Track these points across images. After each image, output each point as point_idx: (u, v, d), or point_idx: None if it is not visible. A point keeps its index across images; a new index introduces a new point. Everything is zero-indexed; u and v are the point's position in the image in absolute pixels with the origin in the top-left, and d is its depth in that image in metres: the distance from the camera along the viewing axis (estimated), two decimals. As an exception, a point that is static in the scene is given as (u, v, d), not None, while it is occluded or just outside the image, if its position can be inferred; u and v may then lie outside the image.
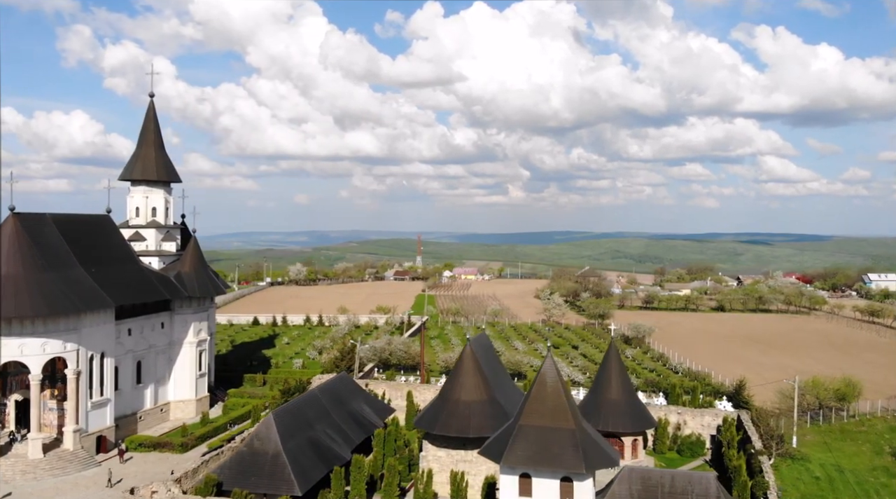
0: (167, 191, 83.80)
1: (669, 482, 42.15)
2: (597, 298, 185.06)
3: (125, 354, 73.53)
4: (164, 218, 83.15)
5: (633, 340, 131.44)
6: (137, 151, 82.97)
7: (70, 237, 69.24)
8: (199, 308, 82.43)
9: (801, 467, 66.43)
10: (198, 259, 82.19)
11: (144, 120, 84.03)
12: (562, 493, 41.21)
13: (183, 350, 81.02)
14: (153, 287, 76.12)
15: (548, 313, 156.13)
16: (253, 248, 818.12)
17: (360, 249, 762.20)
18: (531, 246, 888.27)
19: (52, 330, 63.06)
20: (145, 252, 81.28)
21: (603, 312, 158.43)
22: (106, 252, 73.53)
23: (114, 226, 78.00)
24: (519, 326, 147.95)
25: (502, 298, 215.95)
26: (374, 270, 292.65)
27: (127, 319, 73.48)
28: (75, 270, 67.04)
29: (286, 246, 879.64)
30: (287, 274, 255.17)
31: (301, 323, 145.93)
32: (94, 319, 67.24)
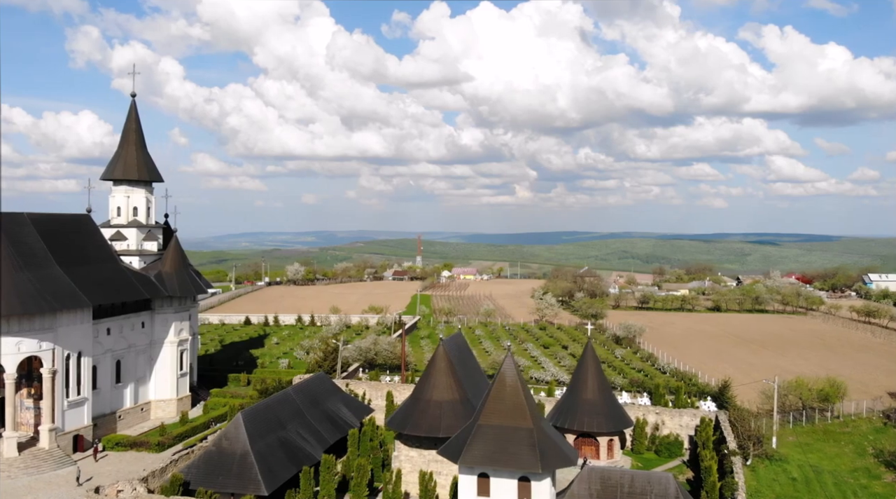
0: (149, 191, 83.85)
1: (629, 482, 41.96)
2: (591, 298, 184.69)
3: (104, 354, 73.60)
4: (145, 218, 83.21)
5: (624, 340, 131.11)
6: (119, 151, 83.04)
7: (48, 237, 69.33)
8: (181, 308, 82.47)
9: (778, 467, 66.12)
10: (179, 259, 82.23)
11: (126, 120, 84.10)
12: (519, 493, 41.04)
13: (164, 350, 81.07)
14: (132, 287, 76.18)
15: (540, 313, 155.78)
16: (261, 248, 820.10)
17: (367, 249, 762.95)
18: (538, 246, 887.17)
19: (27, 329, 63.14)
20: (126, 252, 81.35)
21: (596, 312, 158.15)
22: (85, 252, 73.60)
23: (94, 225, 78.08)
24: (511, 327, 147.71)
25: (498, 299, 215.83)
26: (374, 271, 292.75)
27: (106, 318, 73.56)
28: (52, 269, 67.12)
29: (293, 246, 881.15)
30: (285, 274, 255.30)
31: (293, 323, 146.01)
32: (71, 318, 67.31)
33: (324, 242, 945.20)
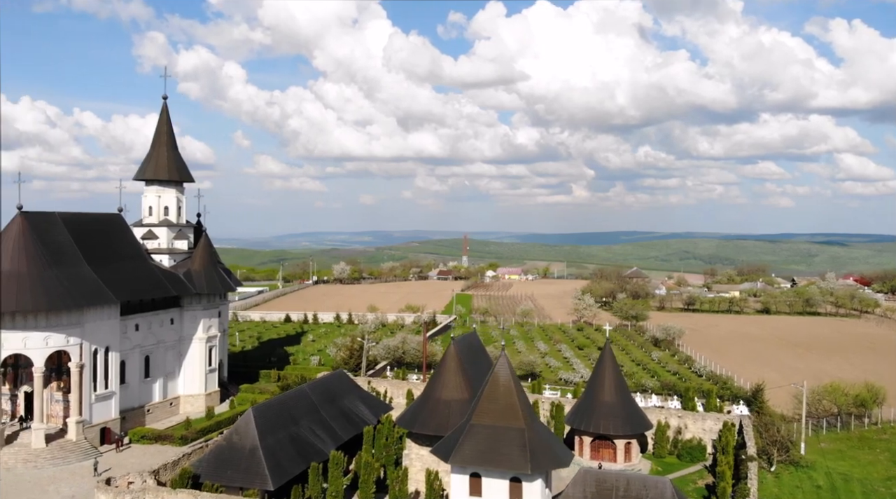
0: (179, 190, 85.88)
1: (624, 486, 41.16)
2: (633, 300, 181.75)
3: (132, 349, 75.66)
4: (176, 217, 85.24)
5: (663, 342, 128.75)
6: (151, 152, 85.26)
7: (79, 235, 71.62)
8: (209, 305, 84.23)
9: (803, 474, 63.98)
10: (207, 257, 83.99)
11: (158, 121, 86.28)
12: (511, 493, 40.72)
13: (192, 346, 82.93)
14: (160, 284, 78.13)
15: (578, 314, 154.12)
16: (319, 247, 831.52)
17: (422, 248, 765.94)
18: (595, 246, 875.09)
19: (55, 324, 65.35)
20: (157, 250, 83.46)
21: (637, 313, 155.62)
22: (115, 250, 75.82)
23: (124, 224, 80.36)
24: (547, 327, 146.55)
25: (539, 299, 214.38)
26: (419, 270, 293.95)
27: (134, 314, 75.60)
28: (80, 266, 69.31)
29: (351, 246, 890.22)
30: (332, 273, 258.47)
31: (331, 321, 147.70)
32: (98, 314, 69.40)
33: (380, 242, 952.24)
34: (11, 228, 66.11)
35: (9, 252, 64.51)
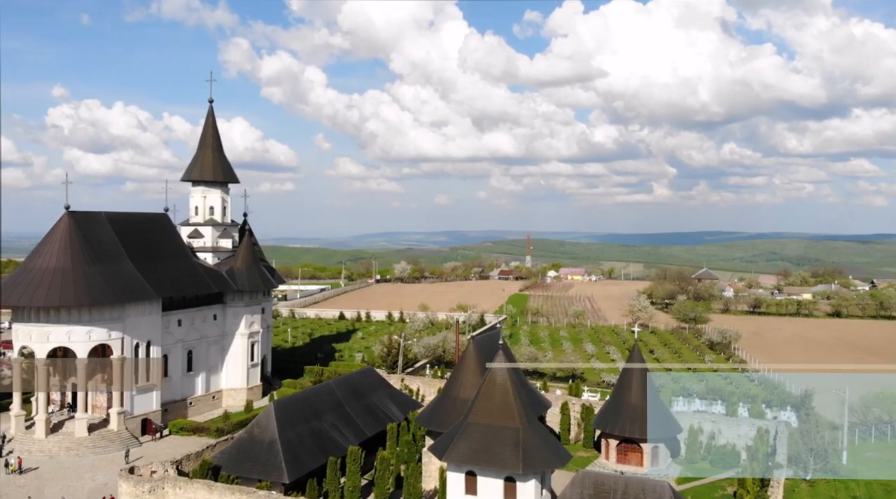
0: (224, 191, 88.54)
1: (623, 488, 40.41)
2: (695, 302, 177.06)
3: (175, 344, 78.46)
4: (220, 216, 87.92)
5: (718, 345, 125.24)
6: (197, 154, 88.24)
7: (123, 234, 74.75)
8: (252, 302, 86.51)
9: (841, 484, 61.18)
10: (250, 255, 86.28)
11: (204, 124, 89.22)
12: (505, 492, 40.52)
13: (235, 341, 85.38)
14: (202, 281, 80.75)
15: (633, 316, 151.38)
16: (395, 247, 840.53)
17: (495, 248, 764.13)
18: (677, 247, 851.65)
19: (97, 319, 68.41)
20: (203, 248, 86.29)
21: (695, 315, 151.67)
22: (159, 248, 78.76)
23: (170, 224, 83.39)
24: (600, 329, 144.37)
25: (599, 300, 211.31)
26: (480, 270, 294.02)
27: (177, 310, 78.38)
28: (123, 264, 72.35)
29: (426, 246, 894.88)
30: (393, 272, 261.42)
31: (383, 319, 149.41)
32: (140, 309, 72.29)
33: (454, 242, 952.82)
34: (58, 227, 69.56)
35: (54, 250, 67.91)
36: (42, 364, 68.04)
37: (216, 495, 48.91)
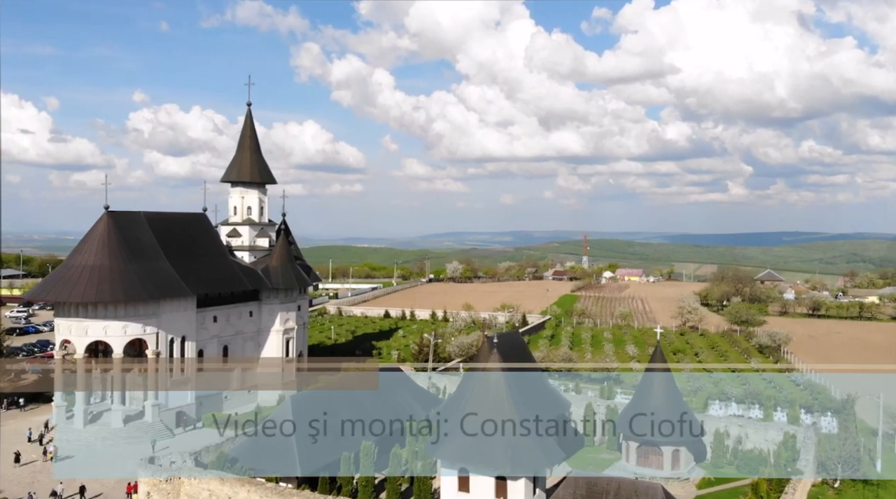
0: (261, 191, 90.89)
1: (615, 490, 40.10)
2: (750, 304, 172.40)
3: (210, 339, 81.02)
4: (258, 216, 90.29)
5: (767, 348, 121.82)
6: (236, 156, 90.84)
7: (161, 233, 77.61)
8: (287, 299, 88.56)
9: (871, 492, 59.06)
10: (285, 254, 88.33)
11: (242, 127, 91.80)
12: (496, 491, 40.68)
13: (270, 337, 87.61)
14: (237, 279, 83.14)
15: (682, 318, 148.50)
16: (461, 247, 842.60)
17: (562, 248, 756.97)
18: (752, 248, 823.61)
19: (132, 314, 71.30)
20: (240, 247, 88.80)
21: (747, 317, 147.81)
22: (196, 247, 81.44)
23: (208, 223, 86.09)
24: (646, 331, 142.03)
25: (652, 301, 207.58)
26: (534, 270, 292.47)
27: (213, 307, 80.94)
28: (159, 262, 75.12)
29: (491, 245, 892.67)
30: (445, 271, 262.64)
31: (427, 318, 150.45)
32: (174, 305, 74.96)
33: (520, 242, 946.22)
34: (98, 227, 72.75)
35: (93, 248, 71.07)
36: (81, 357, 71.29)
37: (227, 486, 50.52)
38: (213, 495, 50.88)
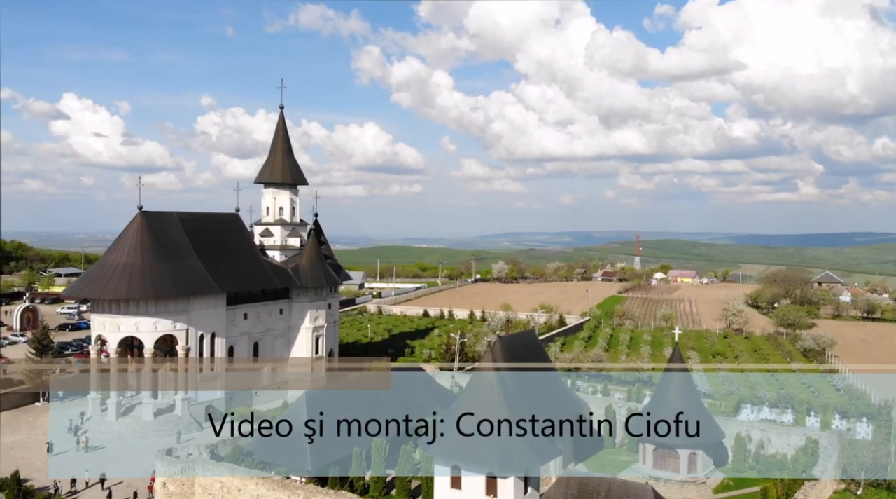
0: (293, 192, 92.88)
1: (606, 490, 39.98)
2: (799, 306, 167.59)
3: (241, 336, 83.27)
4: (289, 216, 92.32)
5: (811, 352, 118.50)
6: (269, 158, 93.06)
7: (194, 233, 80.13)
8: (316, 297, 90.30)
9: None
10: (315, 254, 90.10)
11: (275, 129, 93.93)
12: (487, 488, 41.02)
13: (300, 335, 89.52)
14: (267, 277, 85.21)
15: (727, 321, 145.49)
16: (518, 247, 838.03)
17: (623, 249, 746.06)
18: (823, 249, 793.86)
19: (163, 311, 73.86)
20: (272, 246, 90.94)
21: (793, 320, 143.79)
22: (228, 246, 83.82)
23: (240, 223, 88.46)
24: (689, 333, 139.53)
25: (702, 304, 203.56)
26: (583, 271, 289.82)
27: (243, 304, 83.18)
28: (190, 260, 77.57)
29: (549, 246, 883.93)
30: (491, 272, 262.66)
31: (465, 317, 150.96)
32: (204, 303, 77.33)
33: (579, 242, 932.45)
34: (131, 226, 75.59)
35: (126, 247, 73.90)
36: (114, 352, 74.21)
37: (237, 478, 52.06)
38: (224, 487, 52.50)
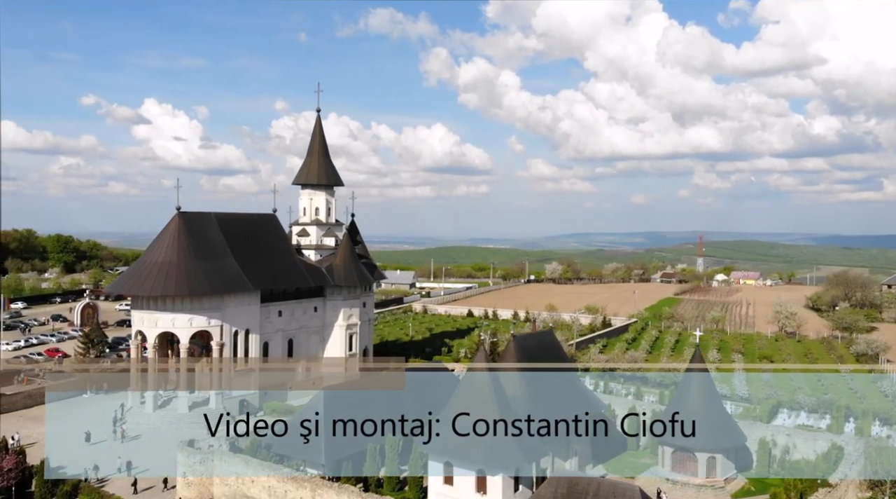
0: (329, 193, 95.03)
1: (595, 490, 40.09)
2: (859, 309, 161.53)
3: (275, 332, 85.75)
4: (325, 217, 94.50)
5: (862, 357, 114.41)
6: (306, 160, 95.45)
7: (230, 233, 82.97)
8: (350, 296, 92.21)
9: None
10: (348, 253, 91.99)
11: (312, 132, 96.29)
12: (478, 485, 41.59)
13: (334, 332, 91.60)
14: (301, 276, 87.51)
15: (779, 324, 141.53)
16: (586, 248, 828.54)
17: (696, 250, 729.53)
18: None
19: (198, 308, 76.75)
20: (308, 246, 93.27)
21: (849, 323, 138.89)
22: (264, 246, 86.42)
23: (277, 223, 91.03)
24: (739, 336, 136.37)
25: (759, 306, 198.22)
26: (641, 272, 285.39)
27: (277, 301, 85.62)
28: (226, 259, 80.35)
29: (619, 247, 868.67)
30: (544, 272, 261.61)
31: (509, 317, 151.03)
32: (238, 300, 79.99)
33: (651, 243, 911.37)
34: (170, 226, 78.80)
35: (163, 246, 77.10)
36: (152, 346, 77.54)
37: (251, 468, 54.10)
38: (239, 478, 54.54)
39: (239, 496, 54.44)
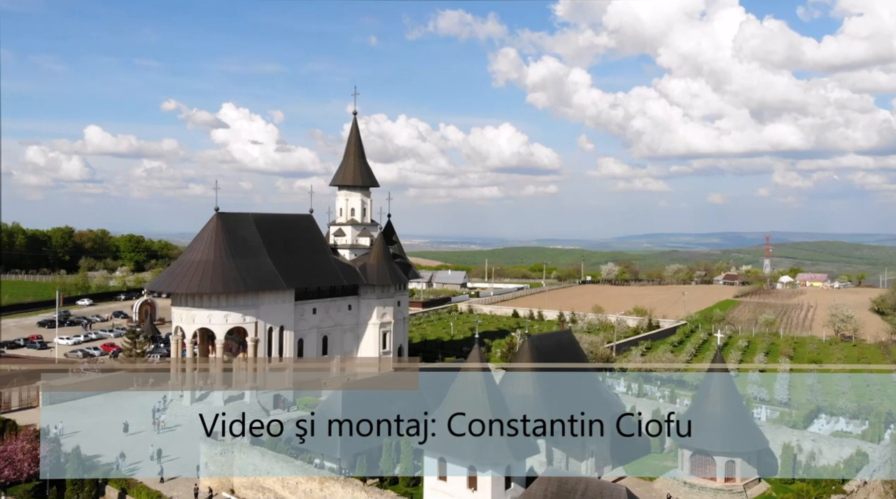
0: (365, 194, 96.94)
1: (583, 489, 40.31)
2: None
3: (310, 330, 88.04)
4: (360, 217, 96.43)
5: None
6: (343, 161, 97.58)
7: (266, 232, 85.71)
8: (383, 294, 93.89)
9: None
10: (383, 253, 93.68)
11: (349, 134, 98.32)
12: (469, 481, 42.30)
13: (368, 330, 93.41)
14: (334, 275, 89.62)
15: (835, 327, 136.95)
16: (660, 249, 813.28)
17: (777, 251, 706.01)
18: None
19: (233, 305, 79.57)
20: (344, 245, 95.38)
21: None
22: (299, 245, 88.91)
23: (313, 224, 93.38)
24: (791, 339, 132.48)
25: (823, 309, 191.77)
26: (703, 274, 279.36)
27: (312, 299, 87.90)
28: (261, 258, 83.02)
29: (694, 248, 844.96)
30: (600, 273, 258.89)
31: (554, 318, 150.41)
32: (273, 298, 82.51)
33: (728, 244, 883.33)
34: (208, 226, 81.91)
35: (202, 245, 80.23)
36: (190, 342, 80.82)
37: (267, 461, 56.07)
38: (256, 469, 56.60)
39: (256, 486, 56.48)
